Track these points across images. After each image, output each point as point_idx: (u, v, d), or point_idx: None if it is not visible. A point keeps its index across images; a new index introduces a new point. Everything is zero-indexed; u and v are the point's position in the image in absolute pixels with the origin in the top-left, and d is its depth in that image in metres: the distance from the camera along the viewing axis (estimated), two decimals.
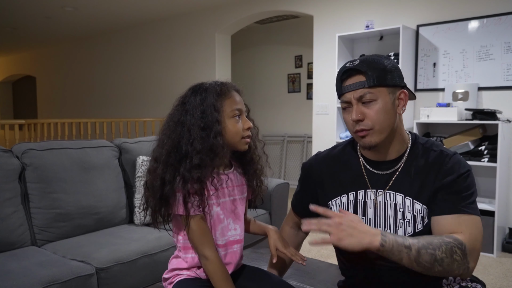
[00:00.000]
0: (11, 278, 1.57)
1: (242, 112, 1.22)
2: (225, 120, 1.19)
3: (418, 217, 1.12)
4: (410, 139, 1.19)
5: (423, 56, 3.69)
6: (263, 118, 6.45)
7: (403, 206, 1.14)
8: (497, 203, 3.06)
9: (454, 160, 1.12)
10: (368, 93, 1.09)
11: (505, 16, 3.27)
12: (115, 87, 7.13)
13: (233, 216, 1.26)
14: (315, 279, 1.54)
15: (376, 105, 1.10)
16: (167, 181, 1.13)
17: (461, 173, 1.09)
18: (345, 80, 1.13)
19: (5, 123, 4.46)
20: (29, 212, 2.06)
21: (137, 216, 2.35)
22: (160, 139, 1.20)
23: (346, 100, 1.13)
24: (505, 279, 2.69)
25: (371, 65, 1.10)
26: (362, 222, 0.99)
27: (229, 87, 1.23)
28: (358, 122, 1.11)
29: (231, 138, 1.19)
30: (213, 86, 1.21)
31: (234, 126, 1.19)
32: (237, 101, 1.22)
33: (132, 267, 1.88)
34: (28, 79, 10.05)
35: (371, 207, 1.18)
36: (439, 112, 3.33)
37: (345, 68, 1.13)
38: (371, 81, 1.09)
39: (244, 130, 1.21)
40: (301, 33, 6.03)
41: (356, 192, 1.21)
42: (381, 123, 1.10)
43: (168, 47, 6.13)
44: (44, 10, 5.63)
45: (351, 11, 4.16)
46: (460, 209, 1.07)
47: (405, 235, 1.14)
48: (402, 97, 1.14)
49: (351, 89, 1.11)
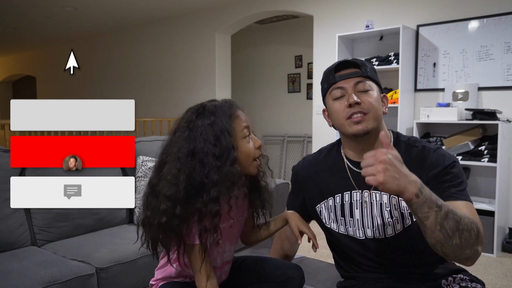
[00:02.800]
0: (11, 278, 1.57)
1: (250, 130, 1.12)
2: (238, 143, 1.08)
3: (406, 213, 1.12)
4: (392, 137, 1.20)
5: (423, 56, 3.69)
6: (263, 118, 6.45)
7: (389, 205, 1.14)
8: (497, 203, 3.06)
9: (438, 153, 1.12)
10: (365, 81, 1.13)
11: (505, 16, 3.27)
12: (114, 87, 7.13)
13: (230, 240, 1.20)
14: (315, 279, 1.54)
15: (371, 94, 1.13)
16: (184, 219, 1.02)
17: (446, 165, 1.09)
18: (340, 71, 1.16)
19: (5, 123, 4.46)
20: (29, 212, 2.06)
21: (137, 216, 2.35)
22: (169, 173, 1.03)
23: (341, 86, 1.14)
24: (505, 279, 2.69)
25: (365, 62, 1.17)
26: (402, 161, 0.92)
27: (233, 105, 1.13)
28: (355, 106, 1.11)
29: (243, 160, 1.09)
30: (221, 107, 1.09)
31: (246, 147, 1.09)
32: (244, 119, 1.11)
33: (132, 267, 1.88)
34: (28, 79, 10.04)
35: (357, 208, 1.18)
36: (439, 112, 3.33)
37: (339, 61, 1.17)
38: (366, 73, 1.14)
39: (255, 150, 1.11)
40: (301, 33, 6.03)
41: (342, 194, 1.21)
42: (376, 111, 1.12)
43: (168, 47, 6.13)
44: (44, 10, 5.63)
45: (351, 11, 4.16)
46: (453, 196, 1.06)
47: (395, 232, 1.14)
48: (384, 100, 1.20)
49: (347, 77, 1.14)
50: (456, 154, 3.22)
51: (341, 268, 1.30)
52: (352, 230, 1.19)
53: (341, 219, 1.21)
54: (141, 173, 2.39)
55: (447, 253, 0.96)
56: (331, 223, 1.24)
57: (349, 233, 1.20)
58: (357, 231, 1.18)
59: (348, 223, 1.20)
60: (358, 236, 1.18)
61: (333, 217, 1.23)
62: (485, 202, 3.22)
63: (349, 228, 1.20)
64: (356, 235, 1.19)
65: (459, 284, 1.14)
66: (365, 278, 1.21)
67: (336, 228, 1.23)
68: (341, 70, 1.16)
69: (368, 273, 1.20)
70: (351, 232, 1.20)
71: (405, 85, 3.57)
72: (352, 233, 1.19)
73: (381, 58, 3.70)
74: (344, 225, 1.21)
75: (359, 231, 1.18)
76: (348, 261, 1.26)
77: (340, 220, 1.21)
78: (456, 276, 1.17)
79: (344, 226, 1.21)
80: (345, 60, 1.17)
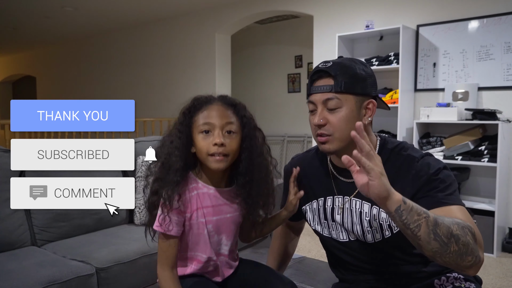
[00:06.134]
0: (11, 278, 1.57)
1: (215, 128, 1.13)
2: (195, 137, 1.15)
3: (385, 225, 1.10)
4: (378, 144, 1.15)
5: (423, 56, 3.69)
6: (263, 118, 6.45)
7: (369, 215, 1.12)
8: (497, 203, 3.06)
9: (422, 163, 1.07)
10: (335, 98, 1.06)
11: (505, 16, 3.27)
12: (114, 87, 7.13)
13: (226, 233, 1.23)
14: (315, 279, 1.55)
15: (340, 113, 1.07)
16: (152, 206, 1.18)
17: (430, 174, 1.04)
18: (315, 81, 1.11)
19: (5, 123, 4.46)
20: (29, 212, 2.06)
21: (137, 216, 2.35)
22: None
23: (312, 101, 1.10)
24: (505, 279, 2.69)
25: (343, 70, 1.07)
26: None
27: (210, 101, 1.17)
28: (320, 127, 1.08)
29: (199, 154, 1.15)
30: (197, 100, 1.18)
31: (199, 142, 1.14)
32: (206, 115, 1.14)
33: (132, 267, 1.88)
34: (28, 79, 10.04)
35: (338, 214, 1.18)
36: (439, 112, 3.33)
37: (317, 68, 1.11)
38: (339, 87, 1.06)
39: (211, 146, 1.12)
40: (301, 33, 6.03)
41: (325, 198, 1.21)
42: (342, 131, 1.07)
43: (168, 47, 6.13)
44: (44, 10, 5.63)
45: (351, 11, 4.16)
46: (441, 202, 1.01)
47: (374, 241, 1.13)
48: (370, 107, 1.10)
49: (319, 91, 1.08)
50: (456, 154, 3.23)
51: (335, 268, 1.31)
52: (335, 233, 1.20)
53: (324, 222, 1.22)
54: (141, 173, 2.39)
55: (449, 262, 0.91)
56: (316, 225, 1.25)
57: (332, 236, 1.21)
58: (340, 234, 1.19)
59: (331, 226, 1.21)
60: (341, 239, 1.19)
61: (317, 219, 1.24)
62: (485, 202, 3.22)
63: (332, 231, 1.21)
64: (339, 238, 1.19)
65: (453, 283, 1.13)
66: (357, 281, 1.21)
67: (321, 230, 1.24)
68: (317, 79, 1.10)
69: (358, 273, 1.20)
70: (334, 235, 1.20)
71: (405, 85, 3.57)
72: (336, 236, 1.20)
73: (381, 58, 3.70)
74: (328, 228, 1.22)
75: (341, 233, 1.19)
76: (338, 261, 1.27)
77: (324, 223, 1.22)
78: (450, 275, 1.15)
79: (327, 229, 1.22)
80: (321, 68, 1.10)
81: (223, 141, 1.11)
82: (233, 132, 1.15)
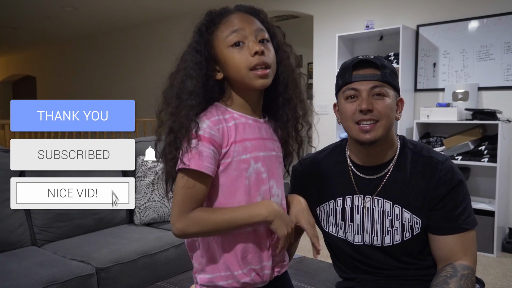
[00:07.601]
0: (11, 278, 1.57)
1: (247, 36, 0.90)
2: (223, 55, 0.92)
3: (407, 225, 1.10)
4: (398, 143, 1.16)
5: (423, 56, 3.69)
6: None
7: (391, 214, 1.12)
8: (497, 203, 3.06)
9: (446, 167, 1.08)
10: (382, 86, 1.07)
11: (505, 16, 3.27)
12: (114, 87, 7.13)
13: (274, 177, 0.98)
14: (315, 279, 1.54)
15: (386, 100, 1.07)
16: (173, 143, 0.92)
17: (453, 185, 1.07)
18: (358, 70, 1.09)
19: (5, 123, 4.46)
20: (29, 212, 2.06)
21: (137, 216, 2.35)
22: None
23: (356, 87, 1.08)
24: (505, 279, 2.69)
25: (385, 63, 1.09)
26: None
27: (228, 10, 0.95)
28: (366, 113, 1.06)
29: (235, 74, 0.91)
30: (210, 15, 0.97)
31: (232, 57, 0.90)
32: (235, 22, 0.91)
33: (132, 267, 1.88)
34: (28, 79, 10.04)
35: (358, 213, 1.16)
36: (439, 112, 3.33)
37: (358, 59, 1.10)
38: (386, 77, 1.07)
39: (250, 58, 0.89)
40: (301, 33, 6.02)
41: (344, 198, 1.18)
42: (388, 118, 1.07)
43: (168, 47, 6.12)
44: (44, 10, 5.63)
45: (351, 11, 4.16)
46: (460, 228, 1.06)
47: (393, 243, 1.12)
48: (399, 104, 1.14)
49: (364, 79, 1.07)
50: (456, 154, 3.23)
51: (339, 268, 1.30)
52: (351, 235, 1.18)
53: (341, 223, 1.19)
54: (141, 173, 2.39)
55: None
56: (330, 226, 1.22)
57: (347, 238, 1.19)
58: (356, 236, 1.17)
59: (348, 228, 1.18)
60: (356, 242, 1.17)
61: (332, 220, 1.21)
62: (485, 202, 3.22)
63: (348, 232, 1.19)
64: (354, 241, 1.18)
65: None
66: (363, 280, 1.21)
67: (335, 232, 1.21)
68: (359, 68, 1.08)
69: (367, 274, 1.20)
70: (349, 237, 1.18)
71: (405, 85, 3.57)
72: (351, 238, 1.18)
73: None
74: (343, 229, 1.19)
75: (357, 236, 1.17)
76: (345, 263, 1.25)
77: (340, 224, 1.20)
78: None
79: (343, 231, 1.19)
80: (365, 58, 1.08)
81: (263, 48, 0.90)
82: (266, 40, 0.93)
